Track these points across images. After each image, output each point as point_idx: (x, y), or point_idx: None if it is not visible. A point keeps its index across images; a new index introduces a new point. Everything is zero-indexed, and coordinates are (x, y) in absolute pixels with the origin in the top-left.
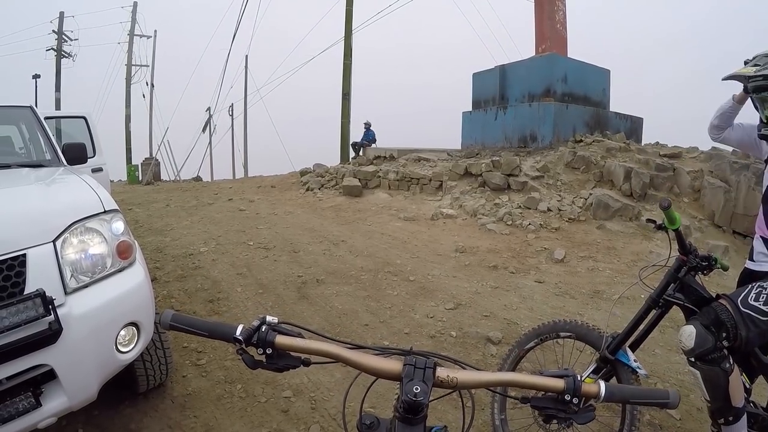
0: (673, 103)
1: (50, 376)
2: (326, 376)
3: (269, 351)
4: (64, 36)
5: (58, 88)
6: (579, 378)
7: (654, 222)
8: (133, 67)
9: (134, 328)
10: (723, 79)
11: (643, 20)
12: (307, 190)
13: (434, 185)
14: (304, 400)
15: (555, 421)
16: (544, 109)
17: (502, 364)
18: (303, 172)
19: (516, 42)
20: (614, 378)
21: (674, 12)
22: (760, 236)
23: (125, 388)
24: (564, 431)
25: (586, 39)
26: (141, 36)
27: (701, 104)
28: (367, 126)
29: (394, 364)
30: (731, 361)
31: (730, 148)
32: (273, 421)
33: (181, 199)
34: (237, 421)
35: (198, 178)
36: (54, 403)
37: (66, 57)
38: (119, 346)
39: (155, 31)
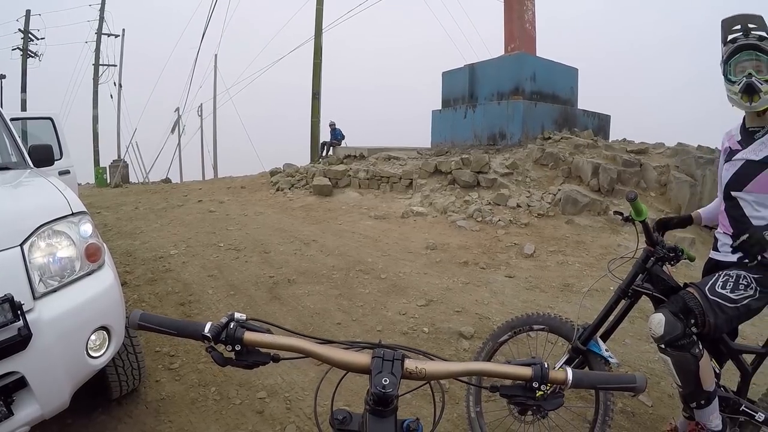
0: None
1: (21, 383)
2: (300, 376)
3: (238, 348)
4: (30, 35)
5: (24, 89)
6: (546, 366)
7: (621, 214)
8: (100, 67)
9: (105, 332)
10: (724, 20)
11: (638, 25)
12: (278, 190)
13: (404, 183)
14: (279, 400)
15: (530, 412)
16: (513, 107)
17: (476, 357)
18: (273, 172)
19: (485, 41)
20: (587, 368)
21: (667, 18)
22: (723, 232)
23: (98, 394)
24: (539, 422)
25: (584, 41)
26: (109, 35)
27: (697, 105)
28: (332, 125)
29: (362, 358)
30: (701, 346)
31: (695, 144)
32: (248, 422)
33: (150, 202)
34: (212, 424)
35: (167, 180)
36: (26, 412)
37: (32, 57)
38: (90, 351)
39: (123, 29)
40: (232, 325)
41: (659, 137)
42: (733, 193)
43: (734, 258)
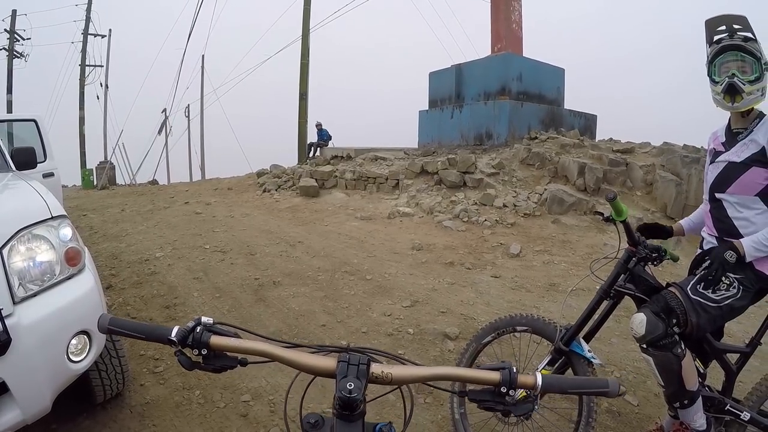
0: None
1: (2, 389)
2: (285, 378)
3: (205, 352)
4: (16, 35)
5: (9, 90)
6: (515, 370)
7: (602, 214)
8: (87, 68)
9: (85, 336)
10: (708, 20)
11: (628, 29)
12: (264, 191)
13: (391, 184)
14: (263, 403)
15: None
16: (500, 107)
17: (460, 358)
18: (260, 174)
19: (473, 41)
20: (570, 369)
21: (657, 22)
22: (708, 233)
23: (82, 399)
24: (523, 423)
25: (573, 43)
26: (95, 35)
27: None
28: (319, 126)
29: (328, 362)
30: (683, 346)
31: (681, 143)
32: (232, 426)
33: (137, 204)
34: (197, 427)
35: (154, 182)
36: (7, 417)
37: (18, 57)
38: (71, 356)
39: (110, 30)
40: (198, 329)
41: (646, 137)
42: (717, 195)
43: None
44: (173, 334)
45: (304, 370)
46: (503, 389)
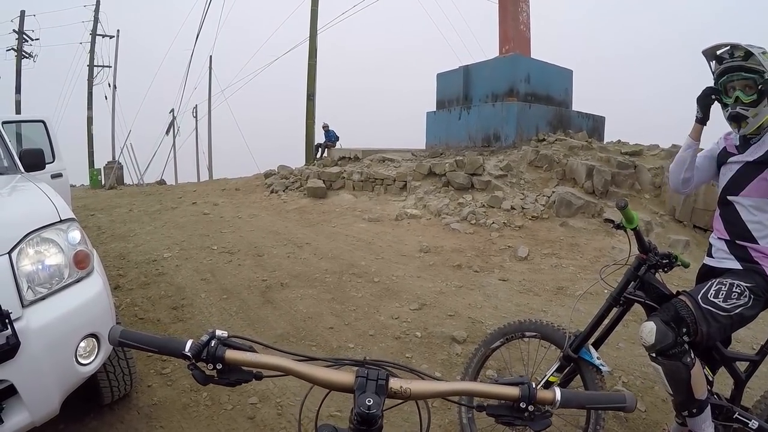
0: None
1: (10, 391)
2: (293, 381)
3: (219, 366)
4: (24, 35)
5: (18, 90)
6: (534, 386)
7: (612, 221)
8: (95, 68)
9: (94, 339)
10: (703, 51)
11: (634, 28)
12: (272, 192)
13: (398, 185)
14: (271, 406)
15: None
16: (508, 108)
17: (468, 363)
18: (267, 174)
19: (480, 42)
20: (578, 375)
21: (663, 22)
22: (717, 237)
23: (90, 400)
24: (530, 429)
25: (579, 43)
26: (103, 36)
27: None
28: (325, 127)
29: (346, 377)
30: (692, 355)
31: None
32: (239, 428)
33: (145, 204)
34: (204, 429)
35: (162, 182)
36: (16, 419)
37: (27, 57)
38: (79, 359)
39: (118, 30)
40: (213, 343)
41: (654, 140)
42: (729, 198)
43: (729, 264)
44: (187, 348)
45: (320, 385)
46: (522, 405)
